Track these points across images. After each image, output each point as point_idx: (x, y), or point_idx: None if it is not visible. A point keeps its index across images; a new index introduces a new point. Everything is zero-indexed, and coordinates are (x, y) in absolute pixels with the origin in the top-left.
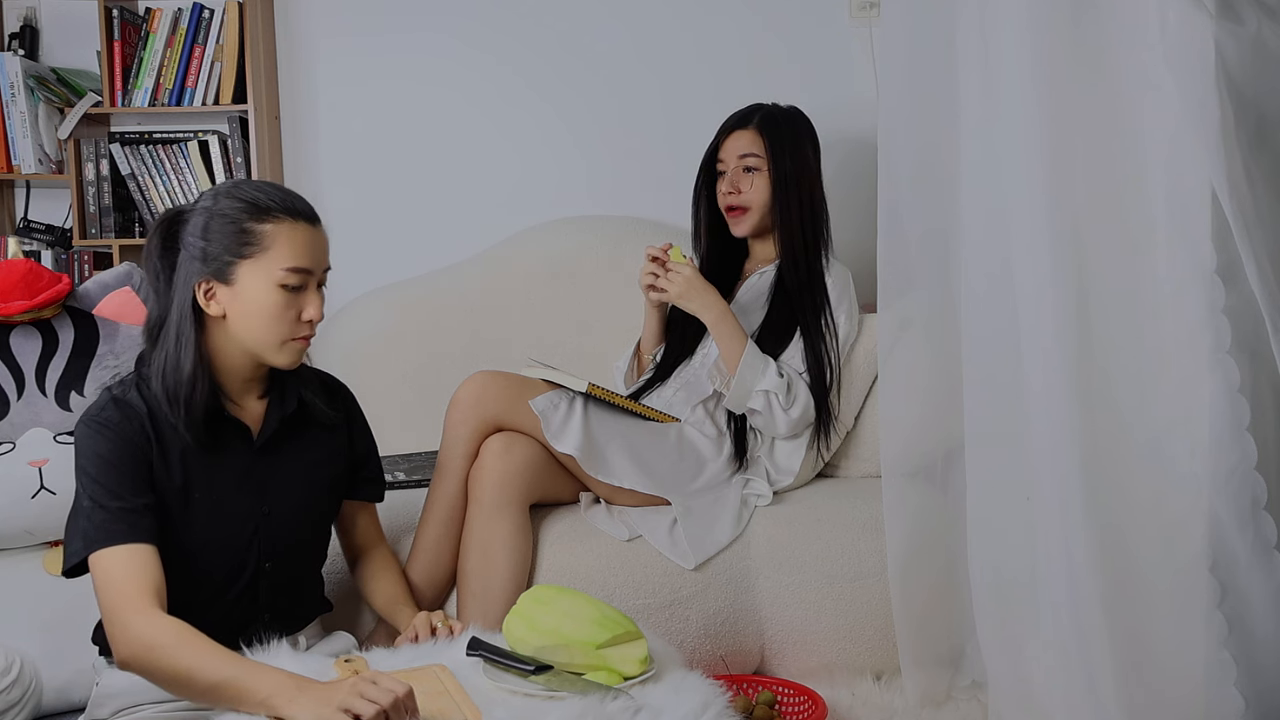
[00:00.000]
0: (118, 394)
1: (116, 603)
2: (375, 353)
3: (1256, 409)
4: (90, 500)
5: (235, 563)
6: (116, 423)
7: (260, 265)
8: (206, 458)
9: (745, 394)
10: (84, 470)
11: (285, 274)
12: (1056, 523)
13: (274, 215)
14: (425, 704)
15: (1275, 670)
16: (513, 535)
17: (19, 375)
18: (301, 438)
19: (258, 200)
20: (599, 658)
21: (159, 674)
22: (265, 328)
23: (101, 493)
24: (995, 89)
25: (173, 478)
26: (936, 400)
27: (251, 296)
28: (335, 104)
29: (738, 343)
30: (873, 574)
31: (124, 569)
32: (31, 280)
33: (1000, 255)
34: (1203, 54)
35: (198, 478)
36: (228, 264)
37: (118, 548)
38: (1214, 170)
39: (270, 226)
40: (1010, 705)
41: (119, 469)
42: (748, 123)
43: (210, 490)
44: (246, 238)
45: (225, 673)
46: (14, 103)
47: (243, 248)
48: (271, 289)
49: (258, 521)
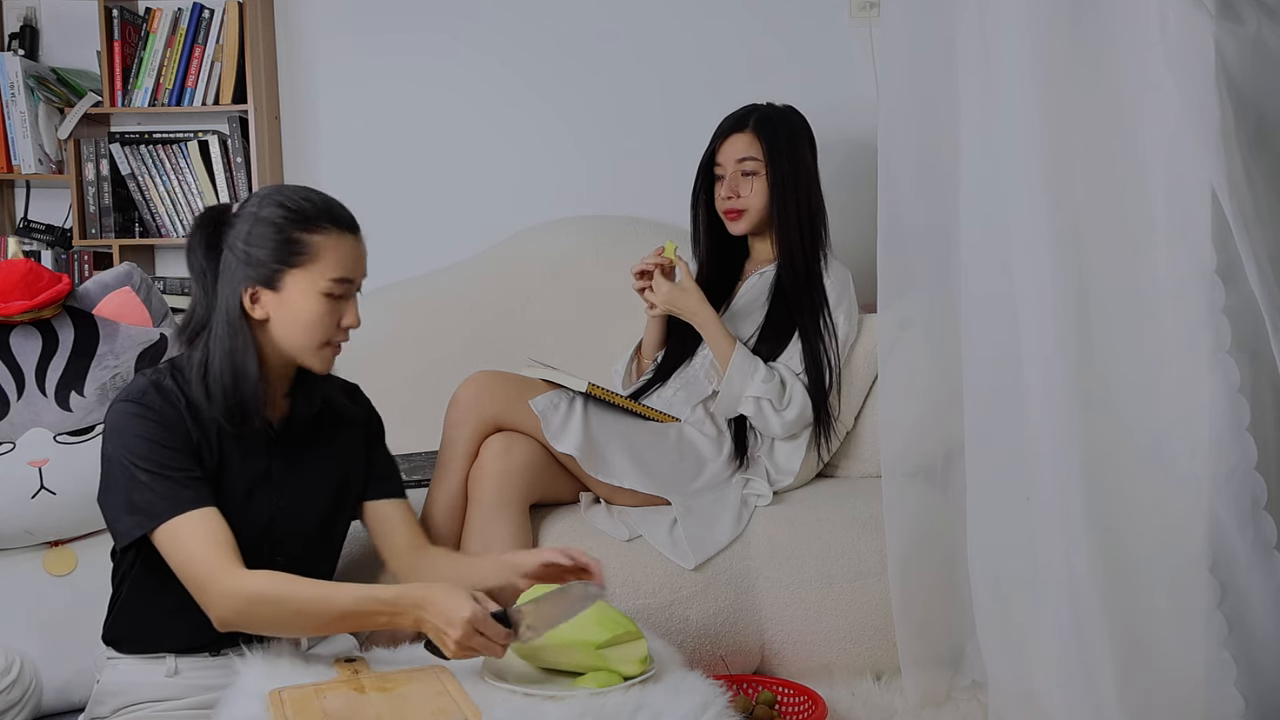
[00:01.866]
0: (155, 379)
1: (203, 568)
2: (375, 353)
3: (1256, 409)
4: (147, 474)
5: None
6: (159, 406)
7: (307, 274)
8: (240, 449)
9: (734, 398)
10: (130, 448)
11: (331, 284)
12: (1056, 523)
13: (321, 226)
14: (425, 704)
15: (1275, 670)
16: (513, 535)
17: (19, 375)
18: (321, 436)
19: (304, 210)
20: (599, 658)
21: (272, 621)
22: (307, 333)
23: (156, 465)
24: (995, 89)
25: (211, 462)
26: (936, 400)
27: (296, 304)
28: (335, 104)
29: (725, 347)
30: (873, 574)
31: (200, 534)
32: (31, 280)
33: (1000, 255)
34: (1203, 54)
35: (233, 466)
36: (275, 271)
37: (186, 515)
38: (1214, 170)
39: (319, 237)
40: (1010, 705)
41: (168, 445)
42: (743, 125)
43: (243, 479)
44: (295, 247)
45: (351, 595)
46: (14, 103)
47: (291, 257)
48: (316, 297)
49: (272, 514)
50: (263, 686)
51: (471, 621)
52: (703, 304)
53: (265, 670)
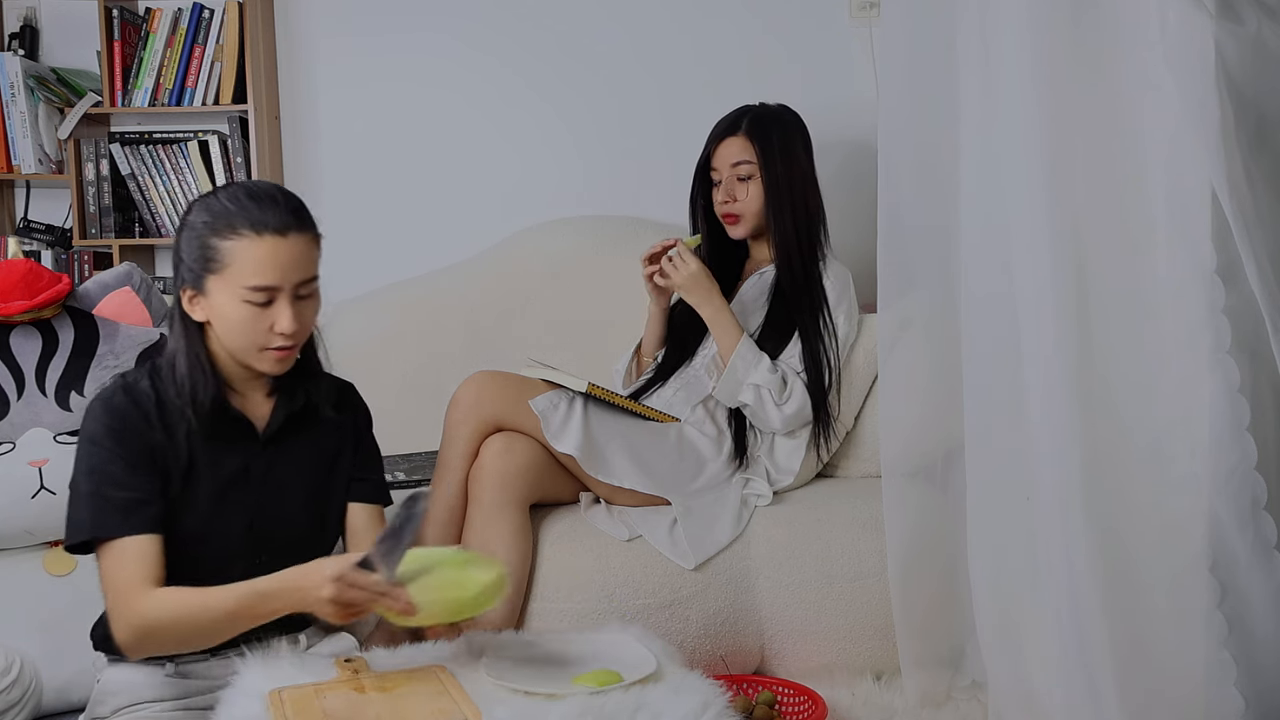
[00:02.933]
0: (130, 380)
1: (115, 595)
2: (375, 353)
3: (1256, 409)
4: (86, 491)
5: (231, 554)
6: (124, 410)
7: (224, 281)
8: (213, 449)
9: (736, 385)
10: (87, 455)
11: (247, 292)
12: (1056, 523)
13: (237, 231)
14: (425, 704)
15: (1275, 670)
16: (513, 535)
17: (19, 375)
18: (307, 435)
19: (222, 214)
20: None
21: (168, 640)
22: (240, 338)
23: (94, 483)
24: (995, 89)
25: (179, 465)
26: (936, 400)
27: (222, 309)
28: (335, 104)
29: (733, 336)
30: (873, 574)
31: (122, 560)
32: (31, 280)
33: (1000, 255)
34: (1203, 54)
35: (203, 468)
36: (200, 277)
37: (119, 540)
38: (1214, 170)
39: (230, 243)
40: (1010, 705)
41: (124, 457)
42: (737, 129)
43: (213, 481)
44: (209, 253)
45: (233, 594)
46: (14, 103)
47: (208, 263)
48: (238, 304)
49: (254, 514)
50: (262, 686)
51: (338, 577)
52: (719, 293)
53: (265, 670)
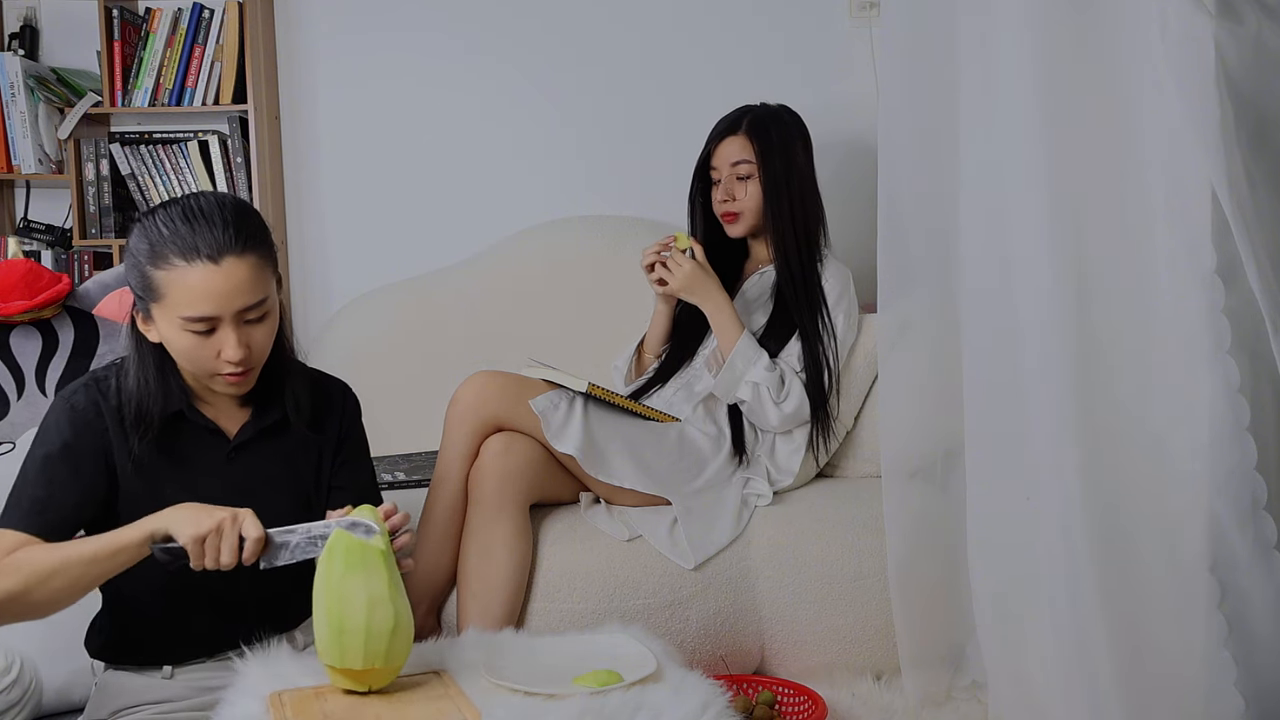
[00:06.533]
0: (99, 376)
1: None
2: (375, 353)
3: (1256, 409)
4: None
5: None
6: (81, 408)
7: (164, 310)
8: (182, 456)
9: (734, 381)
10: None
11: (185, 322)
12: (1056, 523)
13: (168, 261)
14: (425, 704)
15: (1275, 670)
16: (513, 535)
17: (19, 375)
18: (286, 440)
19: (157, 241)
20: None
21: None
22: (190, 364)
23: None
24: (995, 89)
25: (140, 470)
26: (936, 400)
27: (168, 336)
28: (335, 104)
29: (734, 332)
30: (873, 574)
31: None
32: (31, 280)
33: (1000, 255)
34: (1203, 54)
35: (172, 475)
36: (145, 302)
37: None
38: (1214, 170)
39: (163, 273)
40: (1010, 705)
41: (63, 459)
42: (737, 128)
43: (192, 491)
44: (146, 283)
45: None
46: (14, 103)
47: (147, 292)
48: (180, 333)
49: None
50: (262, 687)
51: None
52: (719, 288)
53: (265, 671)
